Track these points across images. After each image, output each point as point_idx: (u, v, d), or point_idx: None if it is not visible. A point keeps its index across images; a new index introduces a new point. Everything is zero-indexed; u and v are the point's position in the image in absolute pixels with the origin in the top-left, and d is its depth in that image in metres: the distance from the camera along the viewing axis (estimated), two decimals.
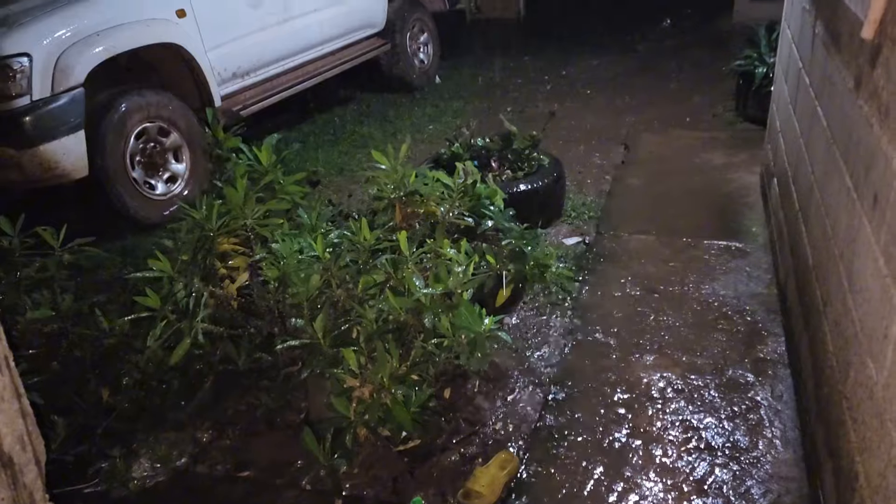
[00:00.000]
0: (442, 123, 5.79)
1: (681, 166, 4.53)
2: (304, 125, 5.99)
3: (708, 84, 6.07)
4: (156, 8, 4.19)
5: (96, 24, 3.84)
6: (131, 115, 3.97)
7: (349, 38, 5.98)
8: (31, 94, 3.54)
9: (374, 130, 5.71)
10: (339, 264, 2.29)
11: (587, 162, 4.76)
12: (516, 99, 6.29)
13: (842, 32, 2.13)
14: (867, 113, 1.75)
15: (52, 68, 3.61)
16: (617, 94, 6.22)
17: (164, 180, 4.27)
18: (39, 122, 3.55)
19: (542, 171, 3.84)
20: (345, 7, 5.78)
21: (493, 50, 8.05)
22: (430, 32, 7.00)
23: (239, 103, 4.84)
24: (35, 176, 3.63)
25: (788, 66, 3.33)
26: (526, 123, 5.11)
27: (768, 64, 4.78)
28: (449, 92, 6.71)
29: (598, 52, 7.63)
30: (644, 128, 5.32)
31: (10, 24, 3.63)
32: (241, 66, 4.85)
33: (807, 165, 2.56)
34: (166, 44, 4.26)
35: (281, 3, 5.10)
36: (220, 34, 4.60)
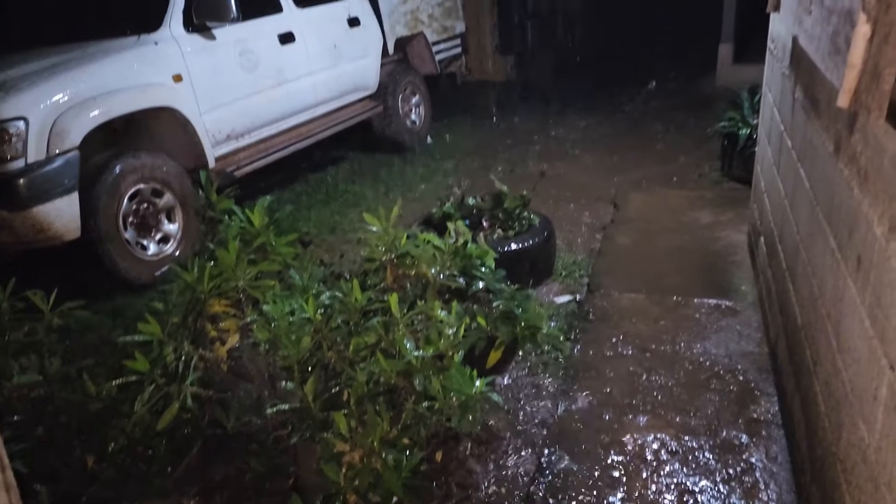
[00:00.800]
0: (433, 183, 5.86)
1: (669, 225, 4.59)
2: (296, 184, 6.06)
3: (694, 144, 6.20)
4: (153, 73, 4.29)
5: (93, 89, 3.91)
6: (126, 176, 4.01)
7: (342, 100, 6.11)
8: (27, 156, 3.58)
9: (366, 190, 5.77)
10: (330, 326, 2.29)
11: (577, 221, 4.81)
12: (507, 159, 6.39)
13: (820, 98, 2.19)
14: (847, 176, 1.80)
15: (48, 132, 3.65)
16: (605, 154, 6.34)
17: (157, 241, 4.28)
18: (33, 184, 3.58)
19: (533, 230, 3.88)
20: (338, 70, 5.91)
21: (483, 111, 8.22)
22: (422, 94, 7.16)
23: (232, 164, 4.90)
24: (27, 238, 3.64)
25: (771, 129, 3.42)
26: (516, 183, 5.19)
27: (751, 125, 4.90)
28: (440, 152, 6.82)
29: (585, 113, 7.80)
30: (632, 187, 5.40)
31: (7, 88, 3.70)
32: (236, 128, 4.93)
33: (792, 226, 2.60)
34: (162, 107, 4.33)
35: (275, 67, 5.22)
36: (215, 98, 4.69)
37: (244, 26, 4.93)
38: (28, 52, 4.33)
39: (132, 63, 4.22)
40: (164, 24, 4.48)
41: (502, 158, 6.42)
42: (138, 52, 4.29)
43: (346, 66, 6.00)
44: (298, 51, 5.45)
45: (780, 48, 3.16)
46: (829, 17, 1.88)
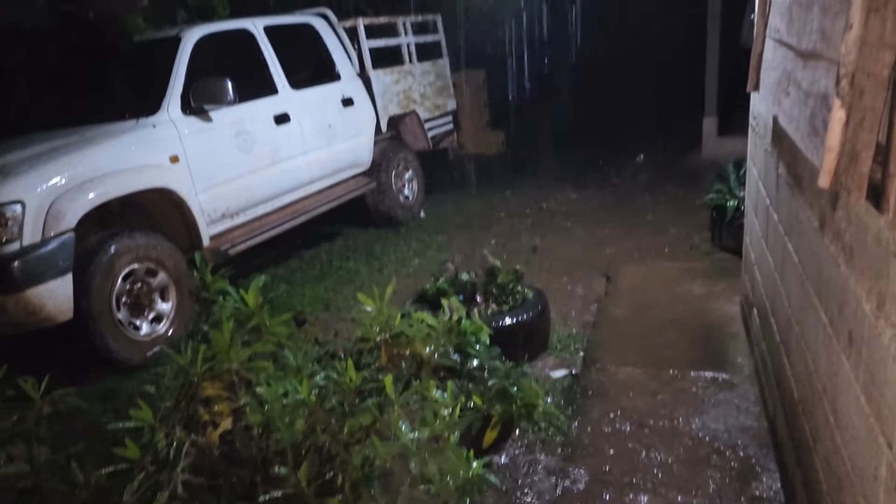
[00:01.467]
0: (427, 258, 5.90)
1: (662, 296, 4.61)
2: (290, 261, 6.09)
3: (683, 216, 6.29)
4: (150, 155, 4.37)
5: (91, 172, 3.98)
6: (120, 256, 4.03)
7: (336, 177, 6.21)
8: (22, 239, 3.61)
9: (360, 266, 5.80)
10: (324, 407, 2.26)
11: (571, 293, 4.83)
12: (499, 232, 6.46)
13: (802, 175, 2.25)
14: (833, 252, 1.83)
15: (44, 214, 3.69)
16: (597, 226, 6.42)
17: (149, 320, 4.27)
18: (27, 266, 3.59)
19: (527, 304, 3.89)
20: (332, 149, 6.04)
21: (475, 185, 8.35)
22: (415, 170, 7.29)
23: (227, 242, 4.94)
24: (19, 320, 3.63)
25: (757, 203, 3.48)
26: (509, 256, 5.24)
27: (738, 197, 4.99)
28: (433, 226, 6.89)
29: (576, 186, 7.94)
30: (625, 259, 5.45)
31: (6, 172, 3.76)
32: (231, 207, 4.99)
33: (783, 299, 2.62)
34: (158, 188, 4.39)
35: (271, 147, 5.32)
36: (211, 178, 4.77)
37: (240, 108, 5.06)
38: (28, 136, 4.42)
39: (130, 145, 4.30)
40: (163, 107, 4.60)
41: (495, 232, 6.49)
42: (136, 134, 4.38)
43: (340, 144, 6.13)
44: (293, 131, 5.58)
45: (762, 125, 3.25)
46: (807, 99, 1.95)
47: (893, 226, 1.37)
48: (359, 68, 6.59)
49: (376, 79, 6.68)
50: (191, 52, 4.91)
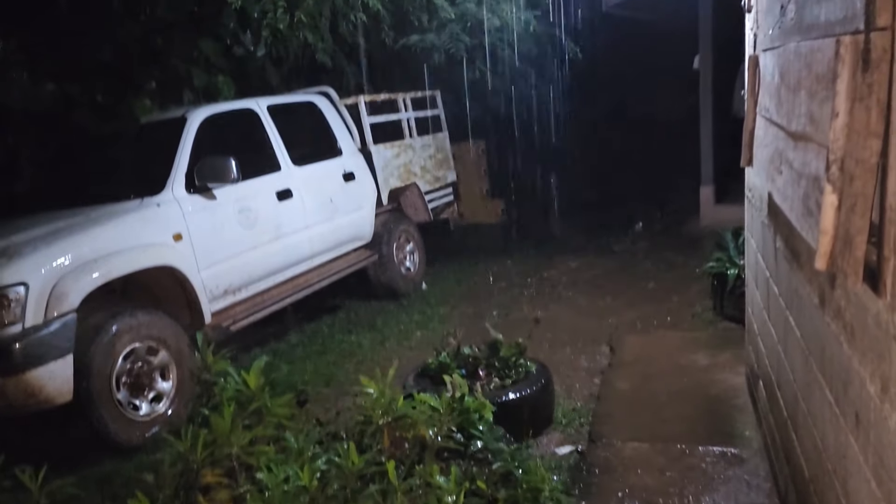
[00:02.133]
0: (429, 330, 5.88)
1: (667, 367, 4.57)
2: (292, 335, 6.06)
3: (684, 284, 6.30)
4: (154, 233, 4.42)
5: (95, 252, 4.02)
6: (122, 336, 4.02)
7: (338, 250, 6.26)
8: (24, 321, 3.62)
9: (362, 339, 5.78)
10: (326, 493, 2.22)
11: (574, 365, 4.79)
12: (501, 303, 6.46)
13: (800, 251, 2.27)
14: (835, 330, 1.83)
15: (47, 295, 3.71)
16: (598, 295, 6.42)
17: (149, 400, 4.22)
18: (28, 348, 3.58)
19: (530, 378, 3.86)
20: (334, 223, 6.10)
21: (476, 255, 8.40)
22: (416, 242, 7.35)
23: (229, 318, 4.93)
24: (18, 402, 3.59)
25: (757, 274, 3.49)
26: (512, 328, 5.22)
27: (738, 266, 5.00)
28: (435, 298, 6.89)
29: (576, 255, 7.98)
30: (627, 329, 5.43)
31: (10, 254, 3.79)
32: (233, 283, 5.01)
33: (788, 373, 2.60)
34: (161, 266, 4.42)
35: (273, 222, 5.39)
36: (213, 254, 4.80)
37: (244, 185, 5.14)
38: (35, 216, 4.47)
39: (134, 225, 4.36)
40: (167, 186, 4.68)
41: (496, 303, 6.49)
42: (140, 214, 4.44)
43: (341, 218, 6.20)
44: (296, 206, 5.65)
45: (758, 198, 3.30)
46: (799, 179, 1.98)
47: (892, 309, 1.37)
48: (360, 143, 6.73)
49: (377, 153, 6.82)
50: (196, 131, 5.02)
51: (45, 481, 2.37)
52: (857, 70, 1.42)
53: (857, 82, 1.42)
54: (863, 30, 1.41)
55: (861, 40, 1.42)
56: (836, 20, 1.64)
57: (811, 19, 1.91)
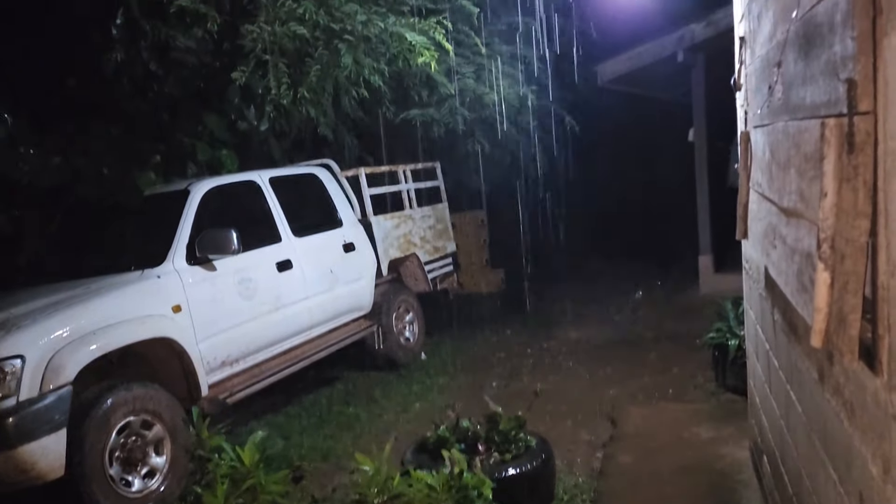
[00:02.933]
0: (428, 401, 5.81)
1: (670, 441, 4.49)
2: (289, 407, 5.98)
3: (685, 354, 6.25)
4: (153, 305, 4.42)
5: (93, 324, 4.01)
6: (116, 409, 3.97)
7: (337, 321, 6.24)
8: (19, 395, 3.58)
9: (360, 411, 5.70)
10: None
11: (575, 439, 4.71)
12: (500, 374, 6.40)
13: (798, 325, 2.27)
14: (835, 407, 1.81)
15: (43, 368, 3.69)
16: (599, 365, 6.37)
17: (142, 476, 4.13)
18: (22, 422, 3.53)
19: (530, 452, 3.78)
20: (333, 293, 6.11)
21: (476, 324, 8.38)
22: (415, 312, 7.34)
23: (226, 391, 4.88)
24: (8, 478, 3.52)
25: (757, 346, 3.48)
26: (511, 400, 5.15)
27: (739, 336, 4.98)
28: (434, 368, 6.83)
29: (576, 324, 7.96)
30: (629, 400, 5.36)
31: (8, 327, 3.78)
32: (231, 354, 4.98)
33: (791, 449, 2.56)
34: (159, 338, 4.41)
35: (273, 293, 5.40)
36: (212, 326, 4.79)
37: (244, 256, 5.17)
38: (36, 288, 4.49)
39: (133, 296, 4.37)
40: (168, 258, 4.71)
41: (496, 374, 6.43)
42: (140, 286, 4.46)
43: (341, 288, 6.21)
44: (295, 277, 5.67)
45: (755, 270, 3.32)
46: (793, 255, 2.00)
47: (890, 388, 1.36)
48: (360, 214, 6.81)
49: (377, 224, 6.89)
50: (198, 204, 5.09)
51: None
52: (843, 152, 1.46)
53: (843, 163, 1.46)
54: (846, 113, 1.45)
55: (845, 123, 1.46)
56: (820, 103, 1.69)
57: (797, 100, 1.97)
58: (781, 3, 2.16)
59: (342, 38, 5.83)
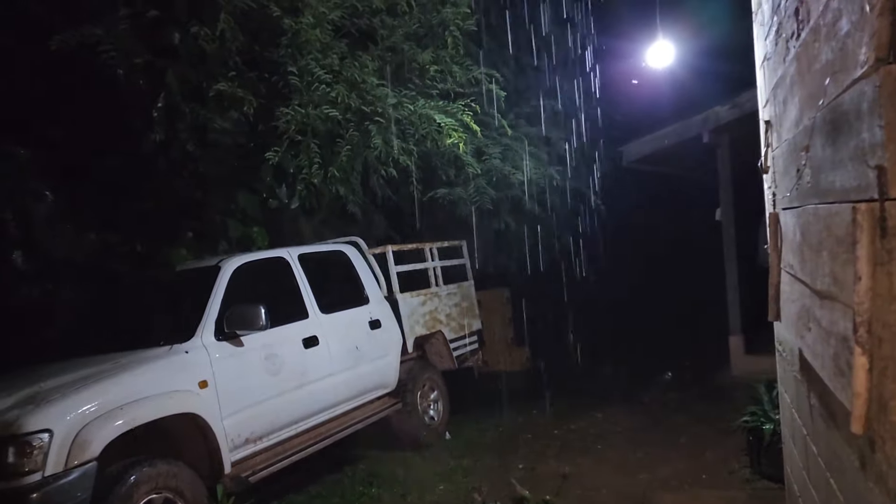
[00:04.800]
0: (452, 483, 5.67)
1: None
2: (311, 486, 5.87)
3: (718, 438, 6.06)
4: (180, 380, 4.43)
5: (122, 399, 4.03)
6: (139, 486, 3.94)
7: (362, 398, 6.19)
8: (45, 469, 3.57)
9: (382, 493, 5.58)
10: None
11: None
12: (527, 456, 6.24)
13: (836, 411, 2.20)
14: (879, 497, 1.74)
15: (70, 443, 3.68)
16: (628, 449, 6.19)
17: None
18: (46, 499, 3.51)
19: None
20: (359, 370, 6.08)
21: (501, 403, 8.24)
22: (440, 390, 7.25)
23: (249, 469, 4.82)
24: None
25: (793, 431, 3.37)
26: (538, 483, 5.02)
27: (774, 420, 4.83)
28: (459, 448, 6.70)
29: (604, 405, 7.77)
30: (660, 486, 5.18)
31: (38, 401, 3.80)
32: (255, 431, 4.94)
33: None
34: (185, 413, 4.40)
35: (299, 369, 5.39)
36: (237, 401, 4.78)
37: (271, 332, 5.18)
38: (67, 362, 4.54)
39: (161, 372, 4.39)
40: (197, 333, 4.74)
41: (522, 455, 6.28)
42: (168, 361, 4.48)
43: (366, 366, 6.18)
44: (322, 353, 5.67)
45: (788, 352, 3.25)
46: (828, 338, 1.97)
47: None
48: (387, 291, 6.84)
49: (403, 301, 6.91)
50: (228, 280, 5.16)
51: None
52: (876, 237, 1.46)
53: (876, 248, 1.45)
54: (877, 198, 1.46)
55: (877, 208, 1.46)
56: (850, 187, 1.70)
57: (827, 184, 1.98)
58: (807, 91, 2.20)
59: (373, 119, 6.03)
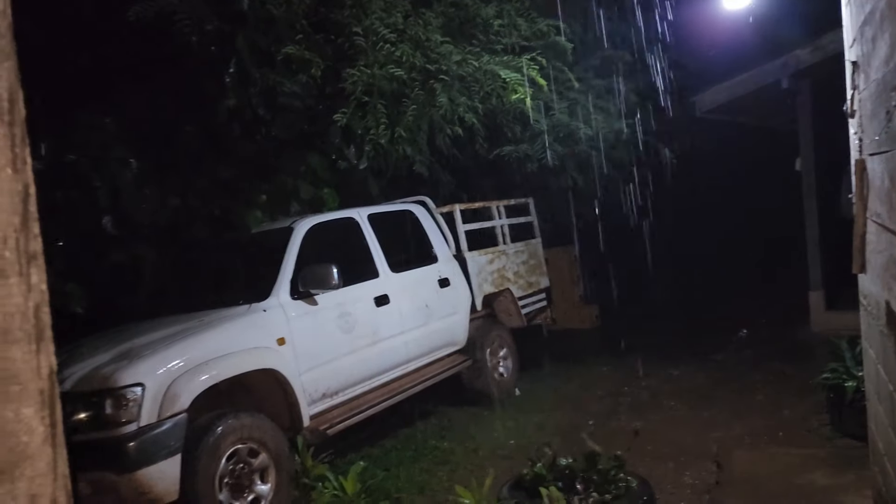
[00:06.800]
0: (523, 438, 5.75)
1: (782, 488, 4.24)
2: (385, 440, 6.06)
3: (796, 396, 5.92)
4: (259, 338, 4.61)
5: (206, 354, 4.23)
6: (226, 437, 4.15)
7: (432, 355, 6.30)
8: (139, 420, 3.80)
9: (454, 446, 5.70)
10: None
11: (678, 482, 4.53)
12: (597, 412, 6.25)
13: None
14: None
15: (161, 396, 3.91)
16: (701, 406, 6.12)
17: (248, 502, 4.27)
18: (142, 447, 3.75)
19: (631, 494, 3.67)
20: (429, 328, 6.18)
21: (570, 361, 8.25)
22: (509, 347, 7.31)
23: (326, 422, 5.00)
24: (129, 501, 3.73)
25: (878, 387, 3.26)
26: (609, 439, 5.01)
27: (857, 377, 4.68)
28: (529, 405, 6.76)
29: (675, 362, 7.67)
30: (734, 443, 5.11)
31: (131, 357, 4.05)
32: (331, 386, 5.11)
33: None
34: (265, 369, 4.59)
35: (371, 327, 5.52)
36: (313, 358, 4.94)
37: (344, 291, 5.32)
38: (155, 320, 4.79)
39: (242, 329, 4.58)
40: (273, 293, 4.91)
41: (592, 412, 6.29)
42: (248, 319, 4.67)
43: (436, 323, 6.28)
44: (392, 311, 5.79)
45: (874, 305, 3.13)
46: None
47: None
48: (455, 250, 6.89)
49: (471, 260, 6.95)
50: (301, 241, 5.30)
51: None
52: None
53: None
54: None
55: None
56: None
57: None
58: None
59: (437, 78, 6.00)
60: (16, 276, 0.77)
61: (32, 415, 0.78)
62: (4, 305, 0.76)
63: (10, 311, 0.77)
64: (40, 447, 0.78)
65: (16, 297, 0.77)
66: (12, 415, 0.76)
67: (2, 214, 0.76)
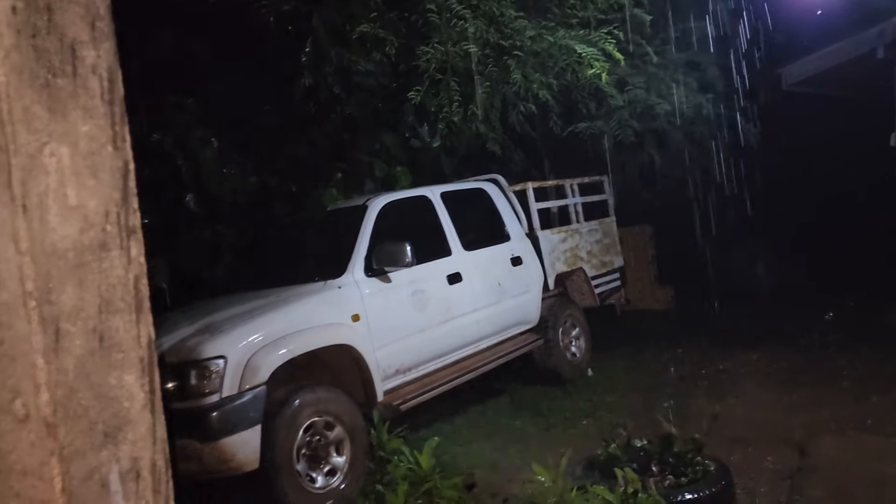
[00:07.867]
0: (596, 418, 5.70)
1: (869, 476, 4.06)
2: (457, 417, 6.11)
3: (885, 383, 5.63)
4: (335, 314, 4.71)
5: (284, 329, 4.35)
6: (303, 410, 4.27)
7: (505, 334, 6.29)
8: (222, 391, 3.95)
9: (527, 424, 5.71)
10: None
11: (758, 467, 4.41)
12: (673, 394, 6.12)
13: None
14: None
15: (242, 369, 4.04)
16: (783, 390, 5.91)
17: (325, 473, 4.40)
18: (224, 417, 3.90)
19: (709, 477, 3.61)
20: (501, 306, 6.17)
21: (644, 342, 8.09)
22: (582, 327, 7.23)
23: (399, 398, 5.08)
24: (212, 468, 3.89)
25: None
26: (685, 422, 4.92)
27: None
28: (601, 385, 6.69)
29: (755, 345, 7.42)
30: (819, 429, 4.92)
31: (213, 330, 4.20)
32: (404, 363, 5.18)
33: None
34: (340, 344, 4.69)
35: (444, 305, 5.55)
36: (387, 335, 5.01)
37: (417, 269, 5.35)
38: (234, 296, 4.96)
39: (318, 305, 4.68)
40: (348, 270, 5.00)
41: (668, 394, 6.16)
42: (323, 295, 4.77)
43: (508, 301, 6.26)
44: (465, 289, 5.80)
45: None
46: None
47: None
48: (528, 228, 6.84)
49: (544, 238, 6.88)
50: (375, 218, 5.36)
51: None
52: None
53: None
54: None
55: None
56: None
57: None
58: None
59: (511, 54, 5.93)
60: (117, 249, 0.80)
61: (133, 381, 0.81)
62: (107, 277, 0.80)
63: (112, 283, 0.80)
64: (140, 412, 0.82)
65: (117, 269, 0.81)
66: (115, 381, 0.80)
67: (103, 190, 0.79)
